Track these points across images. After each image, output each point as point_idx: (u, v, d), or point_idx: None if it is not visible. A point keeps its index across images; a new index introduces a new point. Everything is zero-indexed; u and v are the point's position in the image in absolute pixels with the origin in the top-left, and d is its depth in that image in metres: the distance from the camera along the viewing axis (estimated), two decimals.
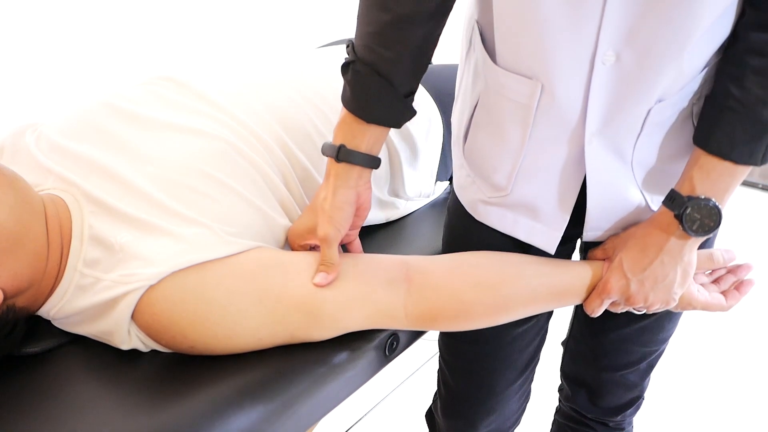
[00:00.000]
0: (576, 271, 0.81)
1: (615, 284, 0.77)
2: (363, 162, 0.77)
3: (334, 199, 0.78)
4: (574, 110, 0.69)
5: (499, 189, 0.79)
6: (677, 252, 0.73)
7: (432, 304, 0.79)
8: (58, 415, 0.70)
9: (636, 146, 0.71)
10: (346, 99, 0.75)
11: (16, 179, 0.76)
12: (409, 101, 0.76)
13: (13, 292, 0.73)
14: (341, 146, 0.76)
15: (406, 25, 0.70)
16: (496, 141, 0.77)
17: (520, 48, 0.68)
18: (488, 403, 0.99)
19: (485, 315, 0.80)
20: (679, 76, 0.66)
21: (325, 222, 0.78)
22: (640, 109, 0.68)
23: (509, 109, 0.73)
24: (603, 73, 0.65)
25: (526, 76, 0.69)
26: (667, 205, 0.71)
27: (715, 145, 0.66)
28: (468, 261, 0.83)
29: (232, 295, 0.74)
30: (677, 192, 0.70)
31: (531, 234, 0.80)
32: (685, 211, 0.68)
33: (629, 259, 0.76)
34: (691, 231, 0.69)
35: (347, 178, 0.77)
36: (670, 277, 0.74)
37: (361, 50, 0.72)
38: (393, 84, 0.73)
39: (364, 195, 0.81)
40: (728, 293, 0.83)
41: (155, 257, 0.73)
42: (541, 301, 0.81)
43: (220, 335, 0.75)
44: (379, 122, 0.75)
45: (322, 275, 0.77)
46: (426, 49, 0.73)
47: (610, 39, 0.62)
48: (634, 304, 0.77)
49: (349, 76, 0.74)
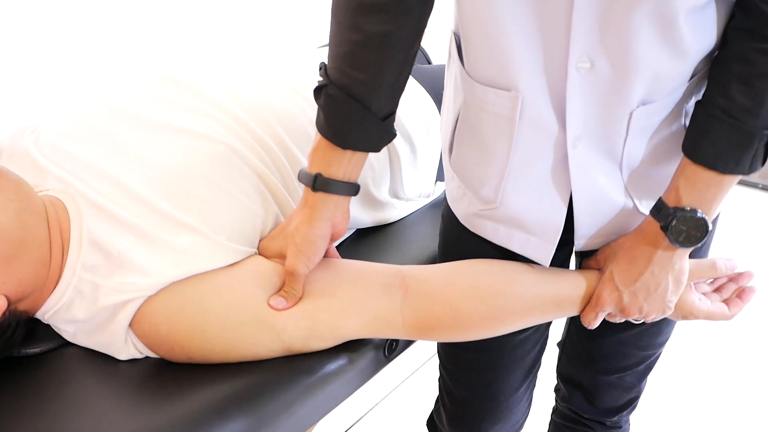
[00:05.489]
0: (571, 282, 0.80)
1: (608, 297, 0.76)
2: (341, 191, 0.74)
3: (308, 231, 0.75)
4: (553, 118, 0.67)
5: (488, 202, 0.78)
6: (667, 262, 0.72)
7: (428, 313, 0.78)
8: (58, 415, 0.70)
9: (625, 150, 0.70)
10: (320, 125, 0.72)
11: (21, 183, 0.75)
12: (387, 124, 0.73)
13: (16, 298, 0.73)
14: (317, 175, 0.73)
15: (379, 46, 0.66)
16: (480, 154, 0.75)
17: (490, 60, 0.67)
18: (495, 412, 0.99)
19: (481, 325, 0.79)
20: (659, 79, 0.64)
21: (293, 255, 0.76)
22: (621, 112, 0.66)
23: (491, 121, 0.71)
24: (578, 80, 0.63)
25: (503, 88, 0.67)
26: (653, 216, 0.70)
27: (700, 154, 0.65)
28: (464, 270, 0.82)
29: (230, 308, 0.74)
30: (664, 202, 0.69)
31: (525, 247, 0.79)
32: (671, 223, 0.67)
33: (619, 271, 0.75)
34: (677, 243, 0.68)
35: (324, 209, 0.74)
36: (663, 287, 0.73)
37: (334, 73, 0.69)
38: (369, 107, 0.69)
39: (340, 225, 0.78)
40: (730, 301, 0.82)
41: (153, 267, 0.72)
42: (537, 312, 0.80)
43: (217, 348, 0.74)
44: (356, 148, 0.72)
45: (281, 301, 0.75)
46: (402, 69, 0.70)
47: (582, 44, 0.61)
48: (630, 315, 0.76)
49: (322, 101, 0.70)
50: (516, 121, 0.68)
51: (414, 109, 1.07)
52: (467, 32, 0.68)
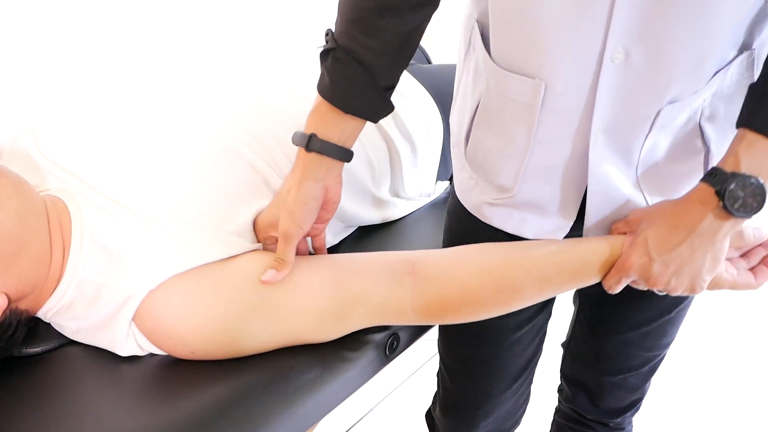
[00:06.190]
0: (591, 247, 0.75)
1: (636, 261, 0.70)
2: (334, 153, 0.74)
3: (299, 192, 0.75)
4: (579, 109, 0.67)
5: (505, 190, 0.77)
6: (710, 235, 0.66)
7: (438, 293, 0.77)
8: (58, 415, 0.70)
9: (644, 147, 0.69)
10: (323, 87, 0.73)
11: (20, 182, 0.75)
12: (388, 95, 0.74)
13: (17, 297, 0.73)
14: (312, 135, 0.73)
15: (391, 14, 0.68)
16: (500, 142, 0.75)
17: (520, 47, 0.66)
18: (486, 406, 0.99)
19: (494, 300, 0.77)
20: (692, 77, 0.64)
21: (285, 217, 0.76)
22: (650, 109, 0.66)
23: (513, 109, 0.71)
24: (611, 71, 0.63)
25: (527, 75, 0.67)
26: (707, 181, 0.65)
27: (760, 121, 0.62)
28: (473, 249, 0.81)
29: (231, 303, 0.74)
30: (720, 168, 0.64)
31: (539, 232, 0.78)
32: (728, 187, 0.62)
33: (656, 237, 0.69)
34: (732, 209, 0.63)
35: (316, 171, 0.75)
36: (698, 262, 0.68)
37: (342, 37, 0.70)
38: (374, 74, 0.71)
39: (333, 189, 0.78)
40: (757, 270, 0.76)
41: (154, 261, 0.73)
42: (553, 281, 0.76)
43: (220, 341, 0.74)
44: (357, 113, 0.73)
45: (272, 272, 0.75)
46: (410, 41, 0.71)
47: (620, 36, 0.60)
48: (655, 285, 0.71)
49: (329, 63, 0.71)
50: (537, 110, 0.68)
51: (414, 109, 1.08)
52: (498, 19, 0.67)
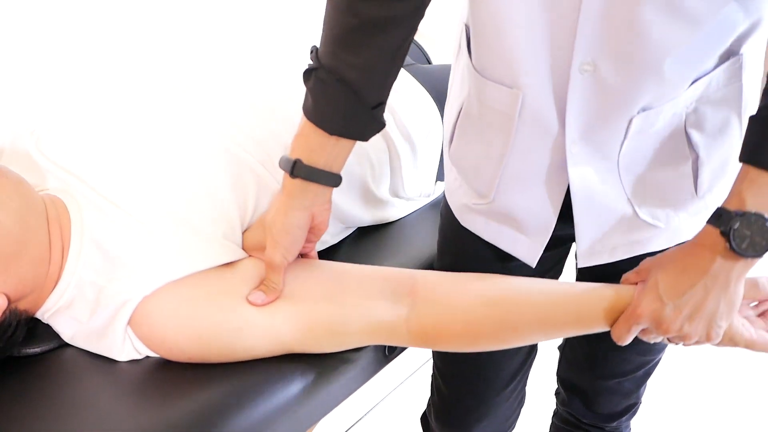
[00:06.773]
0: (598, 293, 0.72)
1: (647, 307, 0.66)
2: (320, 179, 0.71)
3: (284, 221, 0.73)
4: (553, 119, 0.67)
5: (483, 196, 0.77)
6: (723, 277, 0.63)
7: (437, 319, 0.75)
8: (58, 415, 0.70)
9: (622, 152, 0.68)
10: (306, 109, 0.69)
11: (21, 182, 0.75)
12: (377, 113, 0.70)
13: (17, 297, 0.73)
14: (296, 161, 0.70)
15: (375, 31, 0.65)
16: (478, 147, 0.75)
17: (496, 56, 0.66)
18: (479, 410, 0.99)
19: (493, 335, 0.75)
20: (663, 87, 0.63)
21: (271, 246, 0.74)
22: (621, 118, 0.65)
23: (491, 116, 0.71)
24: (580, 83, 0.63)
25: (506, 85, 0.67)
26: (712, 223, 0.63)
27: (763, 158, 0.59)
28: (477, 278, 0.79)
29: (225, 314, 0.74)
30: (724, 208, 0.62)
31: (514, 245, 0.78)
32: (734, 227, 0.60)
33: (666, 280, 0.66)
34: (740, 249, 0.60)
35: (302, 198, 0.72)
36: (712, 307, 0.64)
37: (325, 57, 0.67)
38: (359, 94, 0.67)
39: (321, 216, 0.75)
40: None
41: (149, 266, 0.73)
42: (555, 324, 0.74)
43: (215, 350, 0.74)
44: (342, 134, 0.69)
45: (260, 295, 0.74)
46: (396, 57, 0.68)
47: (587, 48, 0.60)
48: (668, 332, 0.66)
49: (311, 84, 0.68)
50: (515, 119, 0.68)
51: (414, 109, 1.08)
52: (478, 27, 0.67)
